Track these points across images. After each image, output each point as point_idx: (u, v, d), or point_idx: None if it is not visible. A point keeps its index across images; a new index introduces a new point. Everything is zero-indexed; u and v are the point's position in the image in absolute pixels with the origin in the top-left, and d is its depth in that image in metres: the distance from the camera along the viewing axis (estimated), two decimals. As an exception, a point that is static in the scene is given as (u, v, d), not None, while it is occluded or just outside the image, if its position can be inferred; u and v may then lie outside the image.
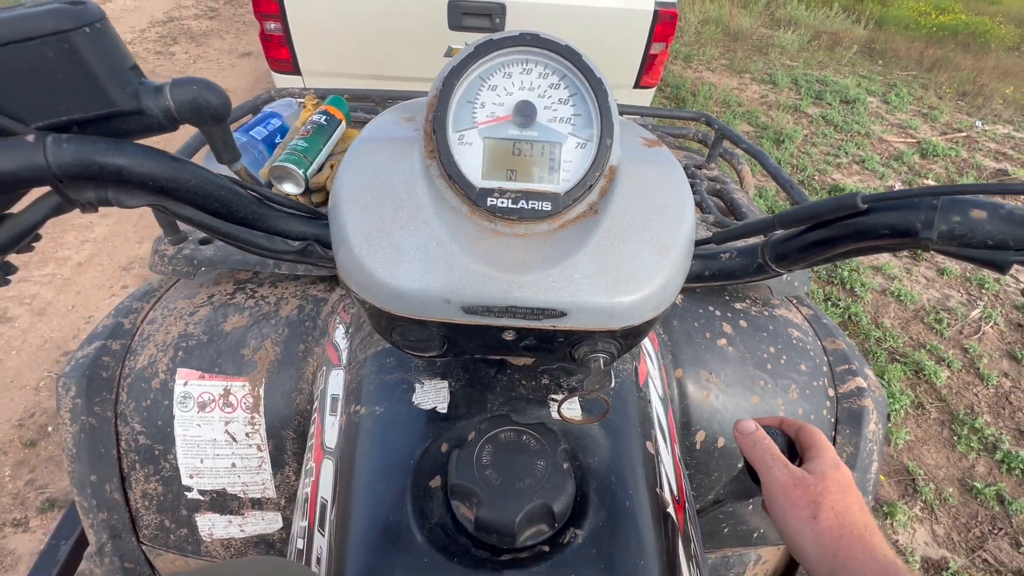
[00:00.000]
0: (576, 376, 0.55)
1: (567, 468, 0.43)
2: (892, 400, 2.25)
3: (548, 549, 0.41)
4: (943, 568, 1.77)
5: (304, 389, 0.71)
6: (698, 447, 0.75)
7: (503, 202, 0.40)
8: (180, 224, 0.77)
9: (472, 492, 0.41)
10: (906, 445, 2.14)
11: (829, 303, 2.73)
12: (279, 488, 0.73)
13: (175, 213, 0.40)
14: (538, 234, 0.41)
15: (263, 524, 0.75)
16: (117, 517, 0.73)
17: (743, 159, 1.27)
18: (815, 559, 0.41)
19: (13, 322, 2.22)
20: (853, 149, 4.12)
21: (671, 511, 0.49)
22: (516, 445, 0.44)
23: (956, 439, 2.17)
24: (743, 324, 0.80)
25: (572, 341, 0.44)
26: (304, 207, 0.46)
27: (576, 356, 0.45)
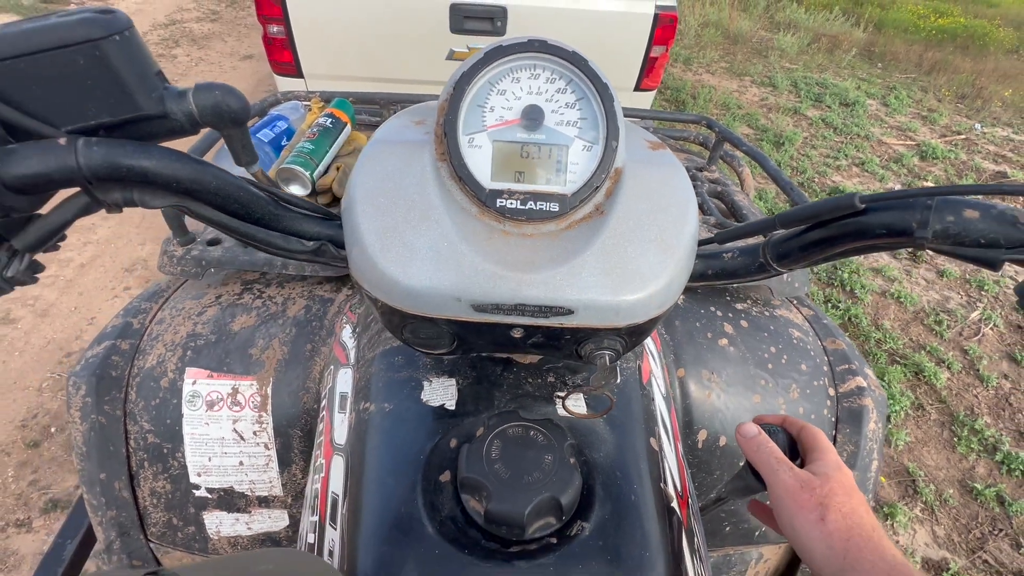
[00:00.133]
0: (581, 374, 0.56)
1: (574, 463, 0.44)
2: (892, 401, 2.26)
3: (556, 541, 0.42)
4: (944, 569, 1.78)
5: (311, 388, 0.72)
6: (700, 446, 0.76)
7: (512, 203, 0.41)
8: (188, 225, 0.78)
9: (482, 485, 0.41)
10: (906, 446, 2.15)
11: (829, 305, 2.74)
12: (286, 486, 0.74)
13: (195, 213, 0.41)
14: (546, 234, 0.42)
15: (270, 522, 0.75)
16: (125, 515, 0.74)
17: (743, 161, 1.27)
18: (823, 561, 0.40)
19: (16, 323, 2.23)
20: (853, 151, 4.13)
21: (675, 506, 0.50)
22: (524, 440, 0.45)
23: (956, 440, 2.18)
24: (744, 324, 0.81)
25: (578, 338, 0.45)
26: (318, 208, 0.47)
27: (582, 353, 0.46)
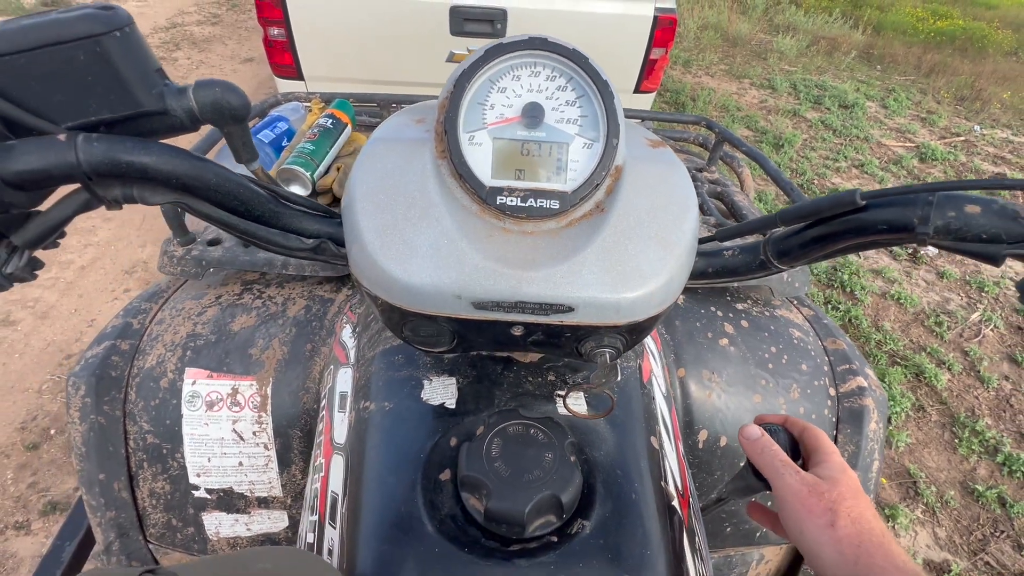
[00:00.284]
0: (581, 373, 0.56)
1: (574, 461, 0.44)
2: (893, 403, 2.25)
3: (556, 539, 0.42)
4: (945, 571, 1.77)
5: (311, 388, 0.72)
6: (700, 446, 0.76)
7: (512, 200, 0.41)
8: (188, 226, 0.78)
9: (482, 484, 0.41)
10: (907, 448, 2.14)
11: (829, 306, 2.74)
12: (285, 487, 0.73)
13: (195, 210, 0.40)
14: (546, 232, 0.42)
15: (269, 523, 0.75)
16: (125, 515, 0.74)
17: (743, 162, 1.27)
18: (833, 567, 0.40)
19: (16, 325, 2.23)
20: (852, 153, 4.14)
21: (676, 504, 0.50)
22: (524, 438, 0.45)
23: (957, 442, 2.18)
24: (744, 324, 0.81)
25: (579, 336, 0.44)
26: (318, 206, 0.47)
27: (582, 351, 0.46)
